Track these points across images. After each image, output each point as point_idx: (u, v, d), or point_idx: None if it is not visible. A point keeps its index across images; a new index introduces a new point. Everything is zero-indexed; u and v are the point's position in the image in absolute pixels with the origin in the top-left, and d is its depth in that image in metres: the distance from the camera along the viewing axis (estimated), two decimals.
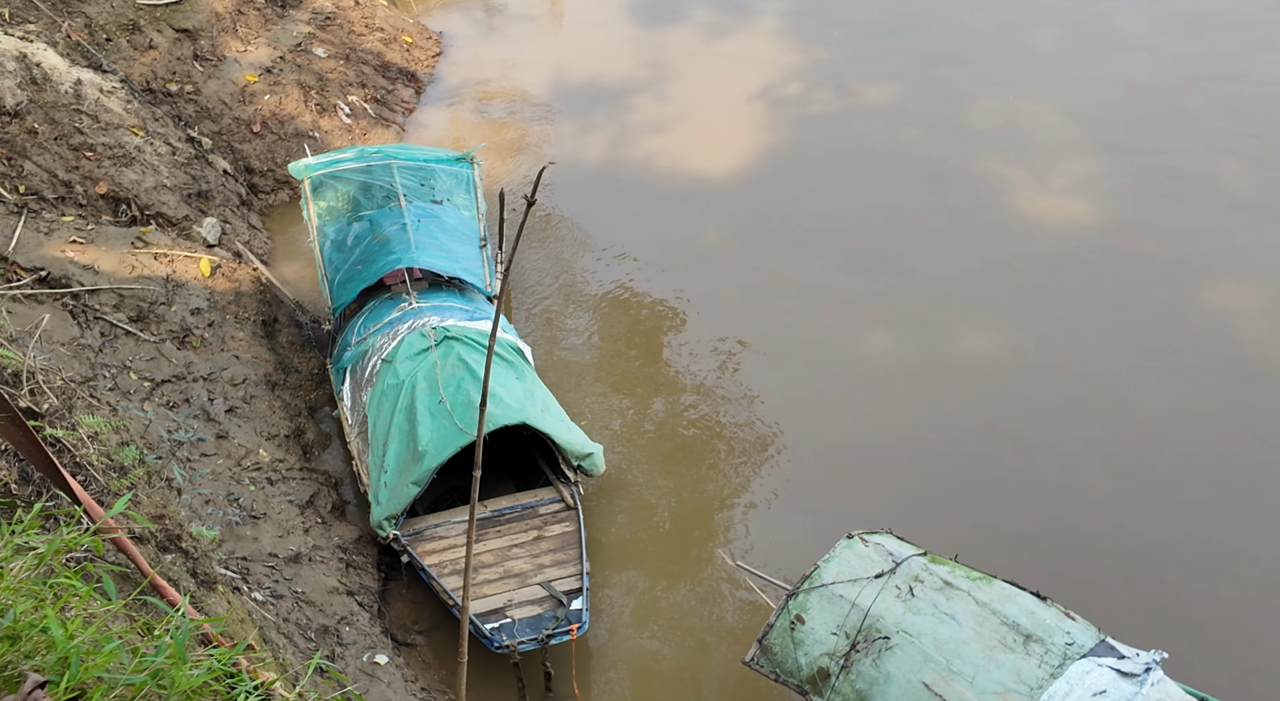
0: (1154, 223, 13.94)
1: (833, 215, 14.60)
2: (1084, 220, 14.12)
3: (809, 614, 7.67)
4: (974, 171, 15.17)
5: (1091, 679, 6.87)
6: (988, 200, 14.61)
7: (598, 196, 15.32)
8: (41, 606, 2.87)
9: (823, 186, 15.14)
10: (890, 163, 15.50)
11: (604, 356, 12.71)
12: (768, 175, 15.45)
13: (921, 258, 13.69)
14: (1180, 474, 10.64)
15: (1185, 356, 11.99)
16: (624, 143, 16.50)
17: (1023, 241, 13.83)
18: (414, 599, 9.88)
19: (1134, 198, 14.44)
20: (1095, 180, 14.82)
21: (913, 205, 14.63)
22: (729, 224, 14.57)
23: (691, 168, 15.69)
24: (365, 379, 10.64)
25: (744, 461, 11.22)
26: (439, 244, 11.99)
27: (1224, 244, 13.51)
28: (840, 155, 15.81)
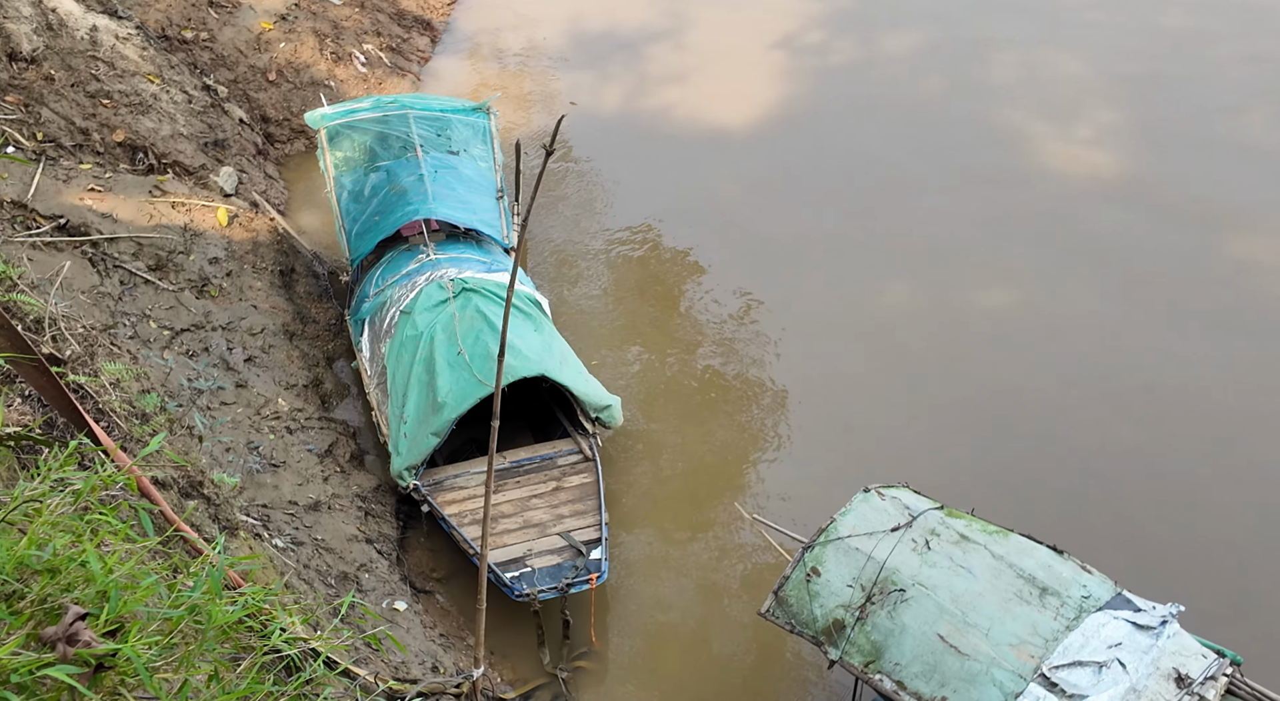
0: (1177, 174, 13.80)
1: (851, 168, 14.46)
2: (1106, 172, 13.97)
3: (825, 566, 7.71)
4: (996, 123, 14.99)
5: (1107, 631, 6.90)
6: (1010, 152, 14.45)
7: (615, 147, 15.19)
8: (80, 541, 2.91)
9: (842, 138, 14.99)
10: (911, 114, 15.32)
11: (620, 308, 12.68)
12: (787, 126, 15.28)
13: (941, 211, 13.58)
14: (1201, 428, 10.62)
15: (1207, 309, 11.91)
16: (641, 93, 16.33)
17: (1044, 194, 13.70)
18: (432, 547, 9.98)
19: (1157, 149, 14.28)
20: (1118, 131, 14.63)
21: (932, 158, 14.48)
22: (747, 176, 14.45)
23: (709, 119, 15.53)
24: (384, 330, 10.65)
25: (760, 414, 11.23)
26: (456, 195, 11.94)
27: (1248, 195, 13.35)
28: (860, 107, 15.63)
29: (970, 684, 6.87)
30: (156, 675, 2.81)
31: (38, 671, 2.57)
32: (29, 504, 3.00)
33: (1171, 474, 10.20)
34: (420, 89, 16.49)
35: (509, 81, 16.77)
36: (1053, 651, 6.85)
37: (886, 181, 14.17)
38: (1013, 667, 6.83)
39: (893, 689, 7.11)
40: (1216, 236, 12.81)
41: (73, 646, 2.59)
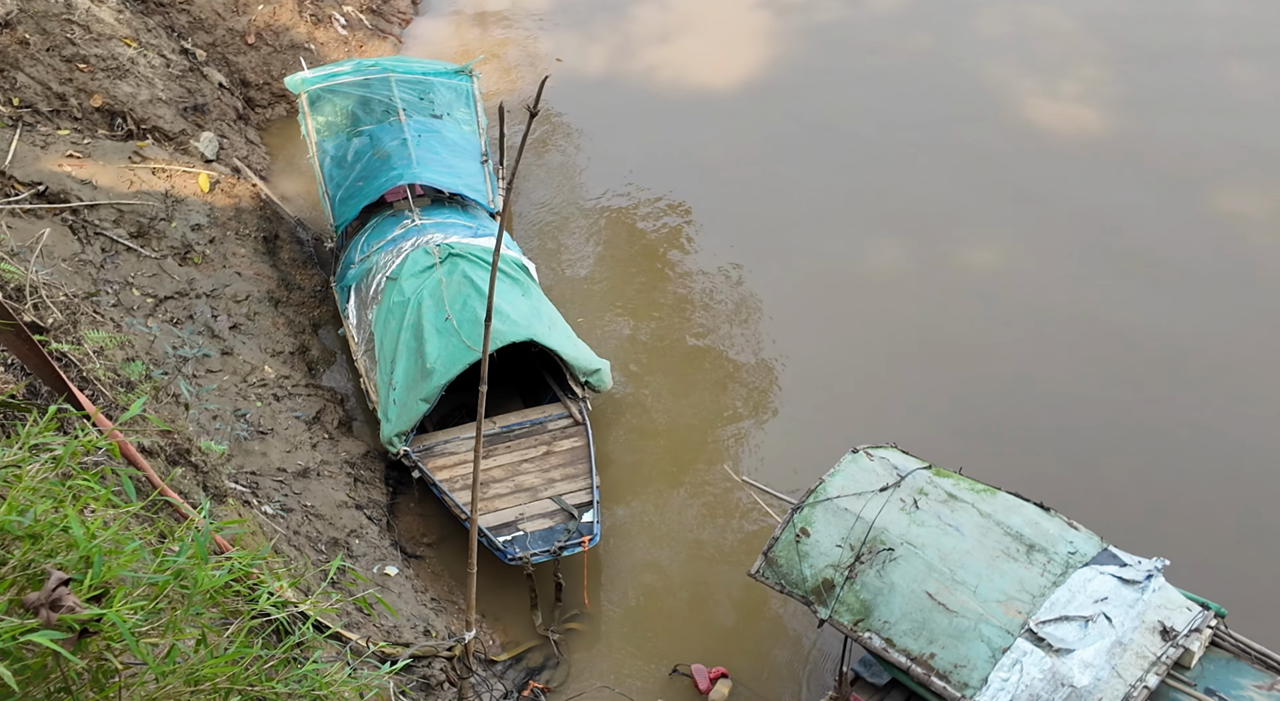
0: (1162, 129, 13.77)
1: (837, 128, 14.37)
2: (1092, 129, 13.92)
3: (814, 527, 7.74)
4: (983, 80, 14.90)
5: (1094, 586, 6.96)
6: (996, 111, 14.38)
7: (600, 110, 15.05)
8: (61, 506, 2.87)
9: (827, 98, 14.88)
10: (898, 72, 15.21)
11: (608, 272, 12.63)
12: (772, 86, 15.16)
13: (928, 170, 13.52)
14: (1186, 383, 10.67)
15: (1190, 266, 11.93)
16: (626, 54, 16.15)
17: (1030, 152, 13.65)
18: (422, 512, 9.99)
19: (1143, 106, 14.23)
20: (1104, 87, 14.57)
21: (919, 116, 14.41)
22: (733, 137, 14.34)
23: (694, 80, 15.38)
24: (370, 296, 10.59)
25: (748, 377, 11.23)
26: (440, 159, 11.83)
27: (1234, 150, 13.35)
28: (846, 65, 15.51)
29: (958, 640, 6.93)
30: (143, 640, 2.80)
31: (21, 637, 2.55)
32: (8, 469, 2.97)
33: (1155, 430, 10.26)
34: (402, 51, 16.28)
35: (492, 43, 16.56)
36: (1040, 607, 6.91)
37: (871, 142, 14.09)
38: (1000, 623, 6.89)
39: (882, 646, 7.17)
40: (1200, 193, 12.81)
41: (56, 612, 2.57)
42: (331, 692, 3.15)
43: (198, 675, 2.84)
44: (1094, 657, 6.61)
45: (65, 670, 2.63)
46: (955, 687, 6.79)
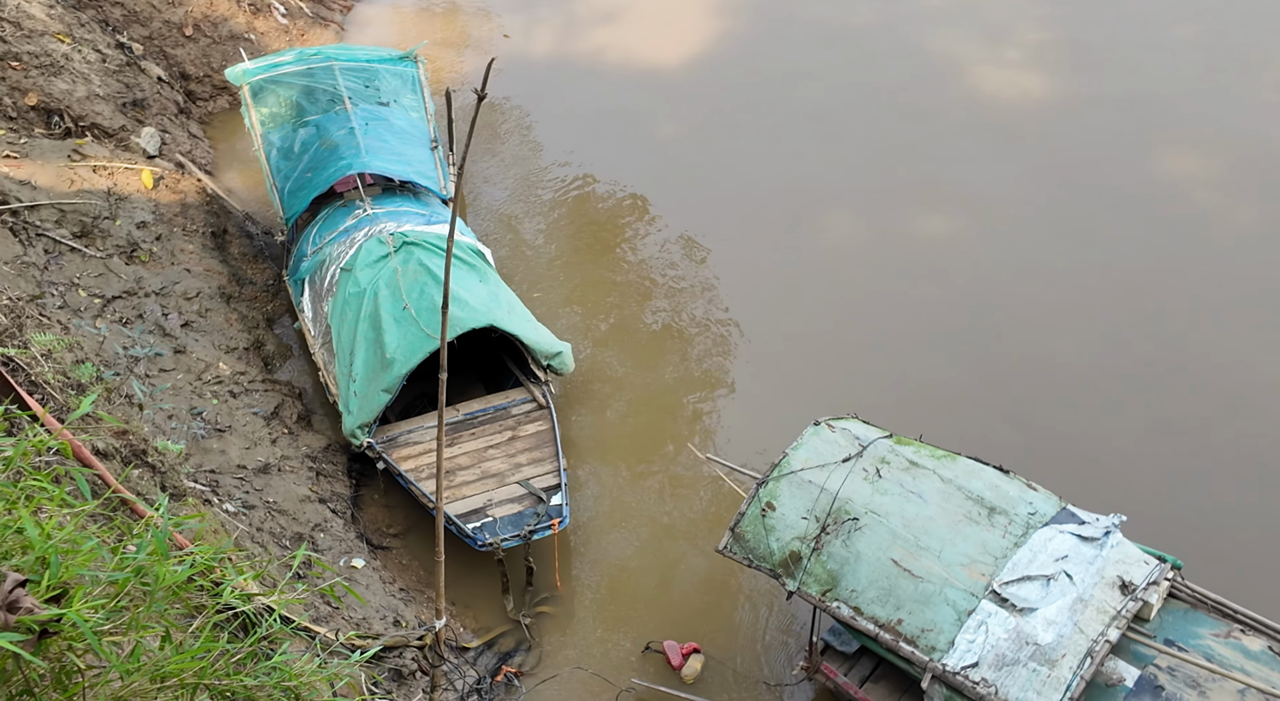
0: (1108, 92, 13.97)
1: (786, 101, 14.41)
2: (1038, 94, 14.09)
3: (779, 500, 7.79)
4: (930, 48, 15.01)
5: (1054, 545, 7.08)
6: (942, 78, 14.51)
7: (550, 92, 14.96)
8: (14, 507, 2.81)
9: (776, 72, 14.91)
10: (844, 44, 15.28)
11: (564, 254, 12.59)
12: (720, 62, 15.17)
13: (878, 140, 13.62)
14: (1135, 341, 10.87)
15: (1138, 223, 12.14)
16: (573, 35, 16.05)
17: (978, 119, 13.79)
18: (387, 503, 9.93)
19: (1086, 68, 14.41)
20: (1047, 52, 14.75)
21: (866, 86, 14.49)
22: (684, 113, 14.34)
23: (644, 58, 15.33)
24: (325, 289, 10.46)
25: (710, 354, 11.26)
26: (389, 147, 11.69)
27: (1179, 110, 13.58)
28: (793, 38, 15.53)
29: (925, 605, 7.02)
30: (105, 638, 2.75)
31: None
32: None
33: (1106, 389, 10.44)
34: (344, 39, 16.06)
35: (436, 27, 16.38)
36: (1002, 568, 7.01)
37: (822, 113, 14.15)
38: (965, 586, 6.98)
39: (850, 615, 7.24)
40: (1146, 153, 13.02)
41: (14, 613, 2.52)
42: (302, 683, 3.13)
43: (164, 671, 2.80)
44: (1056, 615, 6.73)
45: (26, 672, 2.58)
46: (923, 651, 6.88)
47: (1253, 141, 13.11)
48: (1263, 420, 9.99)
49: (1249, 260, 11.60)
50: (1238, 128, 13.31)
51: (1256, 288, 11.29)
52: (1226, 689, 6.43)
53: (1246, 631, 6.82)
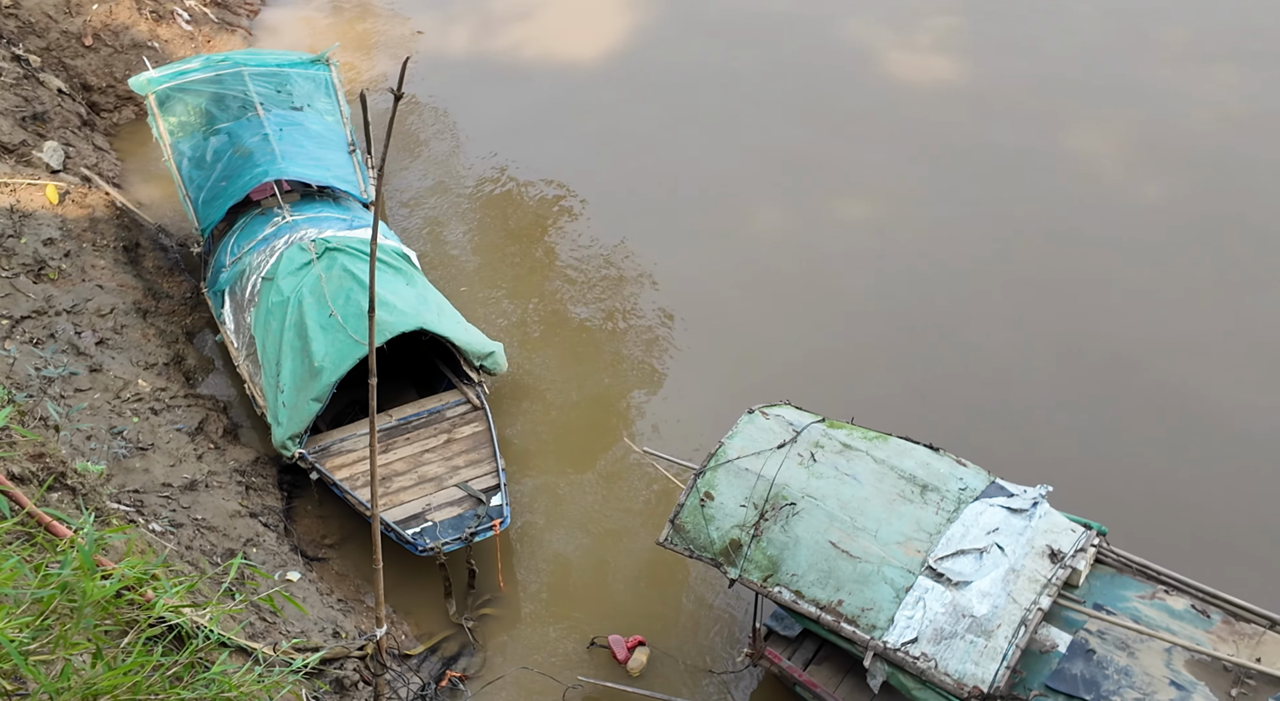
0: (1015, 72, 14.36)
1: (707, 90, 14.52)
2: (948, 77, 14.41)
3: (717, 489, 7.84)
4: (842, 36, 15.27)
5: (985, 519, 7.24)
6: (856, 65, 14.75)
7: (468, 91, 14.84)
8: None
9: (693, 63, 15.00)
10: (761, 32, 15.45)
11: (492, 254, 12.50)
12: (637, 56, 15.21)
13: (796, 128, 13.80)
14: (1049, 316, 11.17)
15: (1048, 198, 12.48)
16: (488, 32, 15.94)
17: (893, 103, 14.05)
18: (321, 514, 9.77)
19: (993, 51, 14.77)
20: (955, 36, 15.09)
21: (785, 75, 14.67)
22: (604, 106, 14.34)
23: (562, 53, 15.30)
24: (246, 299, 10.24)
25: (641, 348, 11.29)
26: (306, 152, 11.49)
27: (1082, 89, 13.98)
28: (710, 28, 15.67)
29: (864, 584, 7.13)
30: (32, 657, 2.65)
31: None
32: None
33: (1025, 363, 10.72)
34: (253, 44, 15.72)
35: (348, 30, 16.13)
36: (937, 544, 7.15)
37: (740, 103, 14.28)
38: (902, 564, 7.10)
39: (791, 599, 7.31)
40: (1053, 130, 13.39)
41: None
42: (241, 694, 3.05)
43: (96, 689, 2.71)
44: (990, 587, 6.88)
45: None
46: (864, 630, 6.98)
47: (1154, 117, 13.56)
48: (1169, 386, 10.34)
49: (1156, 231, 12.00)
50: (1138, 104, 13.77)
51: (1164, 257, 11.69)
52: (1153, 648, 6.65)
53: (1170, 591, 7.06)
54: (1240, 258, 11.57)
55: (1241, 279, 11.31)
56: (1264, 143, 13.03)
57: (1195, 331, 10.84)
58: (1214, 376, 10.35)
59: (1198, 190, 12.46)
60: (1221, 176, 12.61)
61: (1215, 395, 10.17)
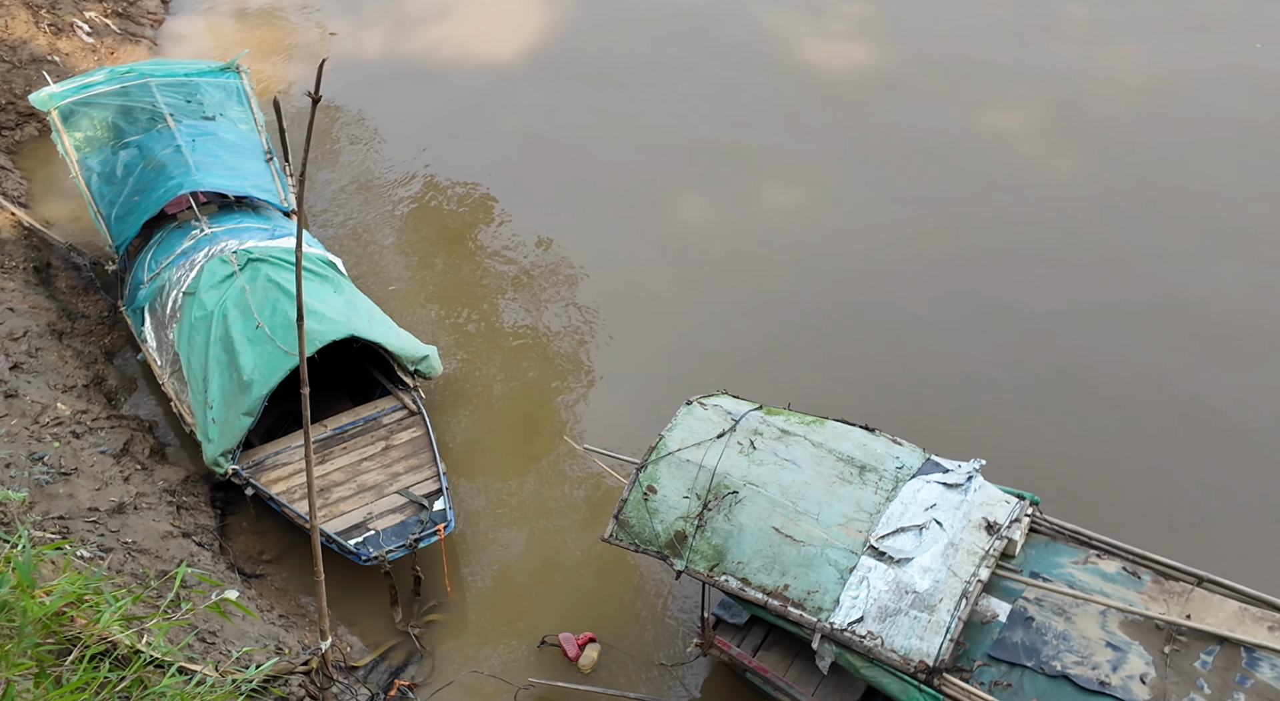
0: (928, 56, 14.65)
1: (627, 83, 14.56)
2: (864, 63, 14.66)
3: (659, 482, 7.87)
4: (758, 25, 15.42)
5: (922, 495, 7.39)
6: (774, 53, 14.91)
7: (386, 94, 14.66)
8: None
9: (614, 55, 15.04)
10: (678, 25, 15.54)
11: (420, 257, 12.37)
12: (555, 52, 15.19)
13: (718, 116, 13.91)
14: (970, 292, 11.42)
15: (966, 177, 12.77)
16: (403, 35, 15.75)
17: (812, 91, 14.23)
18: (257, 530, 9.57)
19: (906, 35, 15.06)
20: (869, 22, 15.36)
21: (703, 65, 14.78)
22: (527, 107, 14.28)
23: (479, 54, 15.19)
24: (168, 316, 9.99)
25: (577, 344, 11.27)
26: (221, 162, 11.26)
27: (995, 69, 14.34)
28: (627, 22, 15.71)
29: (808, 568, 7.22)
30: None
31: None
32: None
33: (950, 341, 10.93)
34: (158, 54, 15.33)
35: (257, 36, 15.80)
36: (877, 523, 7.28)
37: (659, 94, 14.35)
38: (844, 545, 7.21)
39: (738, 586, 7.38)
40: (969, 113, 13.69)
41: None
42: None
43: None
44: (931, 562, 7.02)
45: None
46: (811, 613, 7.07)
47: (1063, 95, 13.93)
48: (1087, 355, 10.63)
49: (1070, 206, 12.32)
50: (1048, 83, 14.14)
51: (1079, 230, 11.99)
52: (1089, 611, 6.85)
53: (1102, 555, 7.28)
54: (1152, 228, 11.96)
55: (1153, 249, 11.70)
56: (1168, 115, 13.48)
57: (1111, 301, 11.18)
58: (1131, 344, 10.70)
59: (1107, 164, 12.85)
60: (1129, 150, 13.03)
61: (1133, 363, 10.51)
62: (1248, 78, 13.93)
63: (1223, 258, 11.51)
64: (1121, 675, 6.45)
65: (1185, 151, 12.91)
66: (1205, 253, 11.61)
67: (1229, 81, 13.88)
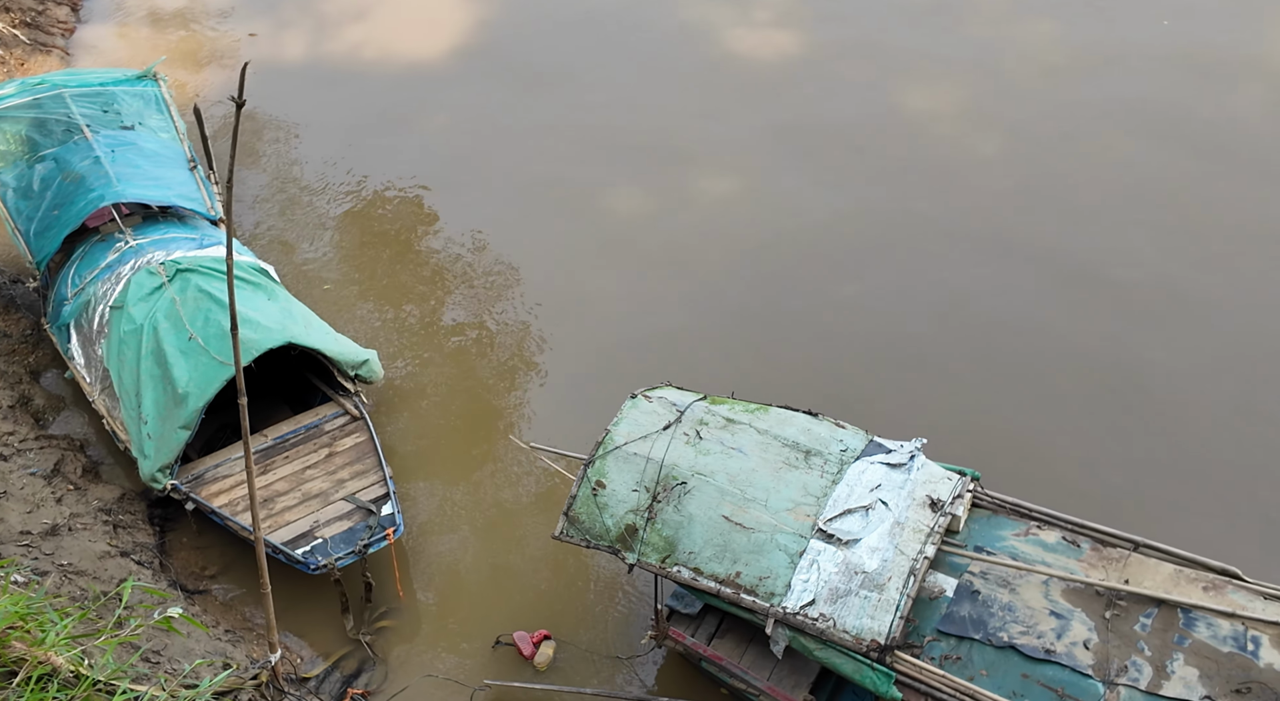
0: (851, 41, 14.86)
1: (552, 77, 14.54)
2: (790, 50, 14.81)
3: (608, 477, 7.87)
4: (684, 17, 15.49)
5: (867, 477, 7.51)
6: (701, 44, 14.98)
7: (310, 97, 14.43)
8: None
9: (538, 50, 15.00)
10: (600, 18, 15.56)
11: (354, 261, 12.21)
12: (481, 50, 15.10)
13: (647, 109, 13.95)
14: (896, 273, 11.60)
15: (888, 158, 12.99)
16: (325, 36, 15.52)
17: (738, 80, 14.34)
18: (199, 545, 9.39)
19: (829, 21, 15.25)
20: (792, 9, 15.51)
21: (630, 58, 14.82)
22: (454, 104, 14.19)
23: (403, 53, 15.04)
24: (95, 332, 9.74)
25: (518, 343, 11.23)
26: (143, 172, 11.03)
27: (918, 52, 14.56)
28: (550, 18, 15.68)
29: (759, 554, 7.29)
30: None
31: None
32: None
33: (882, 321, 11.09)
34: (71, 64, 14.91)
35: (173, 42, 15.45)
36: (825, 506, 7.37)
37: (588, 88, 14.35)
38: (793, 530, 7.30)
39: (691, 576, 7.41)
40: (892, 96, 13.91)
41: None
42: None
43: None
44: (878, 541, 7.14)
45: None
46: (763, 598, 7.13)
47: (978, 75, 14.21)
48: (1013, 329, 10.87)
49: (993, 183, 12.58)
50: (964, 63, 14.40)
51: (1002, 208, 12.25)
52: (1032, 582, 7.04)
53: (1042, 526, 7.47)
54: (1067, 203, 12.24)
55: (1074, 224, 12.00)
56: (1084, 91, 13.82)
57: (1030, 275, 11.42)
58: (1052, 317, 10.94)
59: (1024, 142, 13.13)
60: (1047, 126, 13.33)
61: (1055, 335, 10.74)
62: (1157, 53, 14.34)
63: (1135, 227, 11.85)
64: (1066, 642, 6.64)
65: (1097, 126, 13.25)
66: (1120, 224, 11.93)
67: (1139, 57, 14.28)
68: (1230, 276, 11.23)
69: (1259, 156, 12.65)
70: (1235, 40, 14.46)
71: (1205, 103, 13.48)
